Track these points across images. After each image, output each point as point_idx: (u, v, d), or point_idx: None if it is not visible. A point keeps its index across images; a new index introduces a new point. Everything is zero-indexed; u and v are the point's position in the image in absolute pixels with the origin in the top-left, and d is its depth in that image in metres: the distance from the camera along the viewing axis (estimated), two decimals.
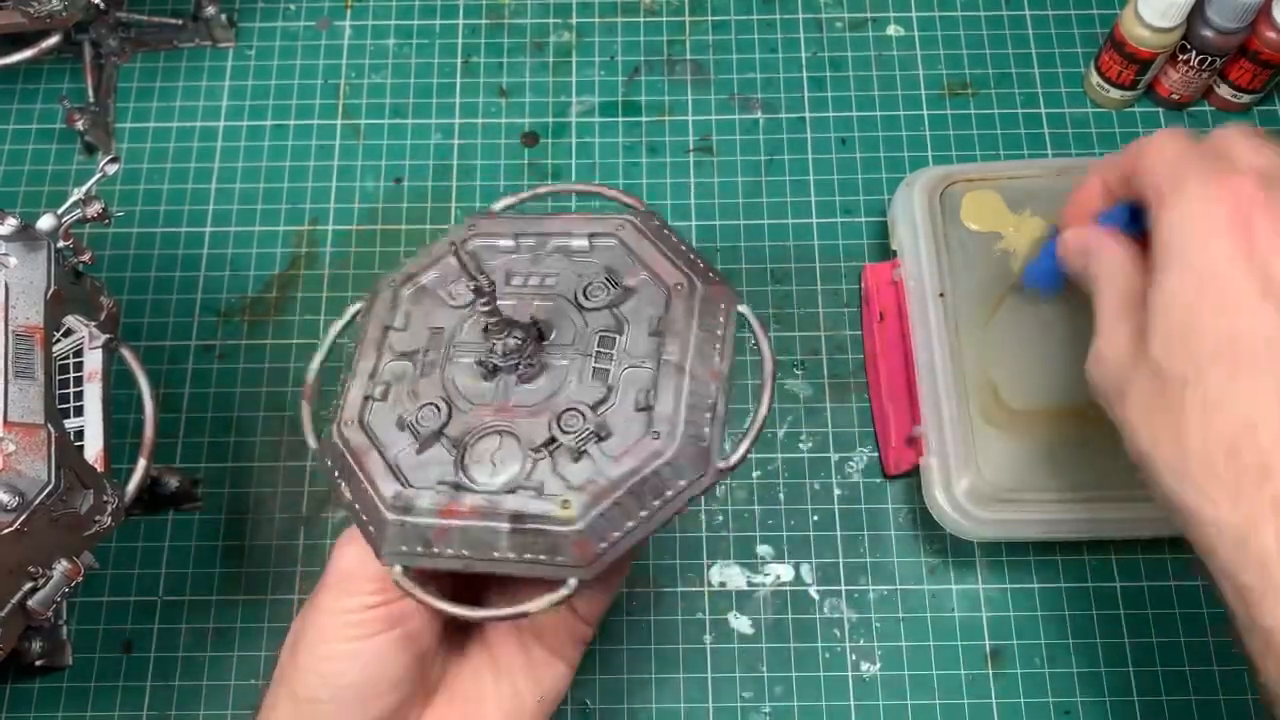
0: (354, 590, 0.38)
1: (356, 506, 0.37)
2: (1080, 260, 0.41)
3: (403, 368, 0.39)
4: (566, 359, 0.37)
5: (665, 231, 0.40)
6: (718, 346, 0.37)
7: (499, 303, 0.37)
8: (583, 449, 0.36)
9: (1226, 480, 0.32)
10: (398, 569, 0.36)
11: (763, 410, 0.37)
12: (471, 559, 0.35)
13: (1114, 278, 0.39)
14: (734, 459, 0.36)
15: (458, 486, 0.36)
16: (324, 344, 0.42)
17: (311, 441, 0.40)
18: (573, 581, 0.35)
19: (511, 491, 0.35)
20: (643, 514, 0.35)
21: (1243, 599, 0.32)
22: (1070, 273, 0.42)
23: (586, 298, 0.38)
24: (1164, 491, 0.35)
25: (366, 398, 0.39)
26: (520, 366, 0.37)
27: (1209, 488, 0.33)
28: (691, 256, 0.40)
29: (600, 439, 0.36)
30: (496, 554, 0.35)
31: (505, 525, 0.35)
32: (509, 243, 0.41)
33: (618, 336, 0.38)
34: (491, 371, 0.38)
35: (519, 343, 0.37)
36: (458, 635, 0.42)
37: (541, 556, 0.35)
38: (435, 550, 0.35)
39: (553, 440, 0.36)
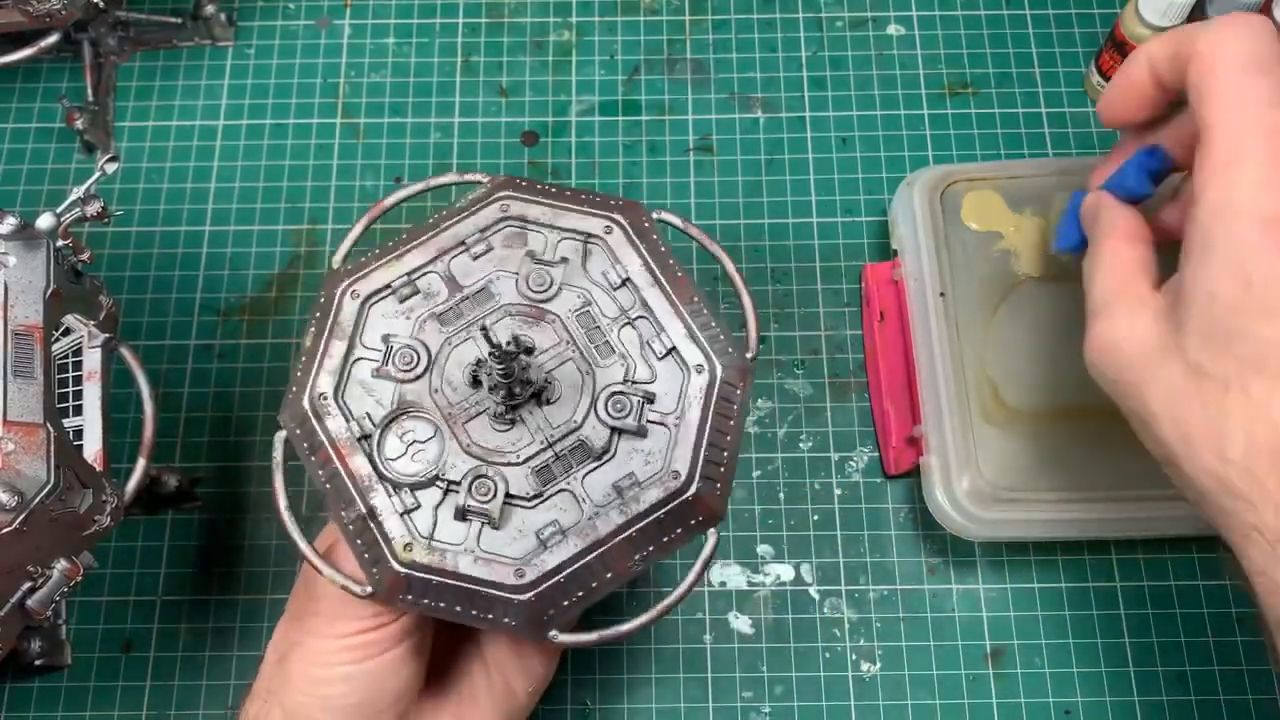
0: (351, 615, 0.38)
1: (302, 359, 0.39)
2: (1089, 228, 0.41)
3: (439, 291, 0.40)
4: (538, 438, 0.38)
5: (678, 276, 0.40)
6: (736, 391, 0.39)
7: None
8: (467, 517, 0.37)
9: (1270, 490, 0.32)
10: (280, 434, 0.39)
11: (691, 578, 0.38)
12: (327, 493, 0.37)
13: (1118, 254, 0.37)
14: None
15: (364, 439, 0.38)
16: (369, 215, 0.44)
17: (338, 262, 0.41)
18: (368, 589, 0.37)
19: (393, 485, 0.37)
20: (456, 608, 0.36)
21: (1276, 594, 0.32)
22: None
23: (608, 410, 0.38)
24: (1197, 490, 0.34)
25: (389, 286, 0.40)
26: (498, 406, 0.38)
27: (1251, 494, 0.32)
28: (714, 325, 0.39)
29: (490, 525, 0.37)
30: (343, 514, 0.37)
31: (361, 508, 0.37)
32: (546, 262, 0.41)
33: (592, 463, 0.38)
34: (474, 383, 0.38)
35: (509, 383, 0.37)
36: (448, 636, 0.42)
37: (364, 554, 0.37)
38: (312, 458, 0.38)
39: (458, 484, 0.37)
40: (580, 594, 0.36)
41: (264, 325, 0.61)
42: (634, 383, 0.38)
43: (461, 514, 0.37)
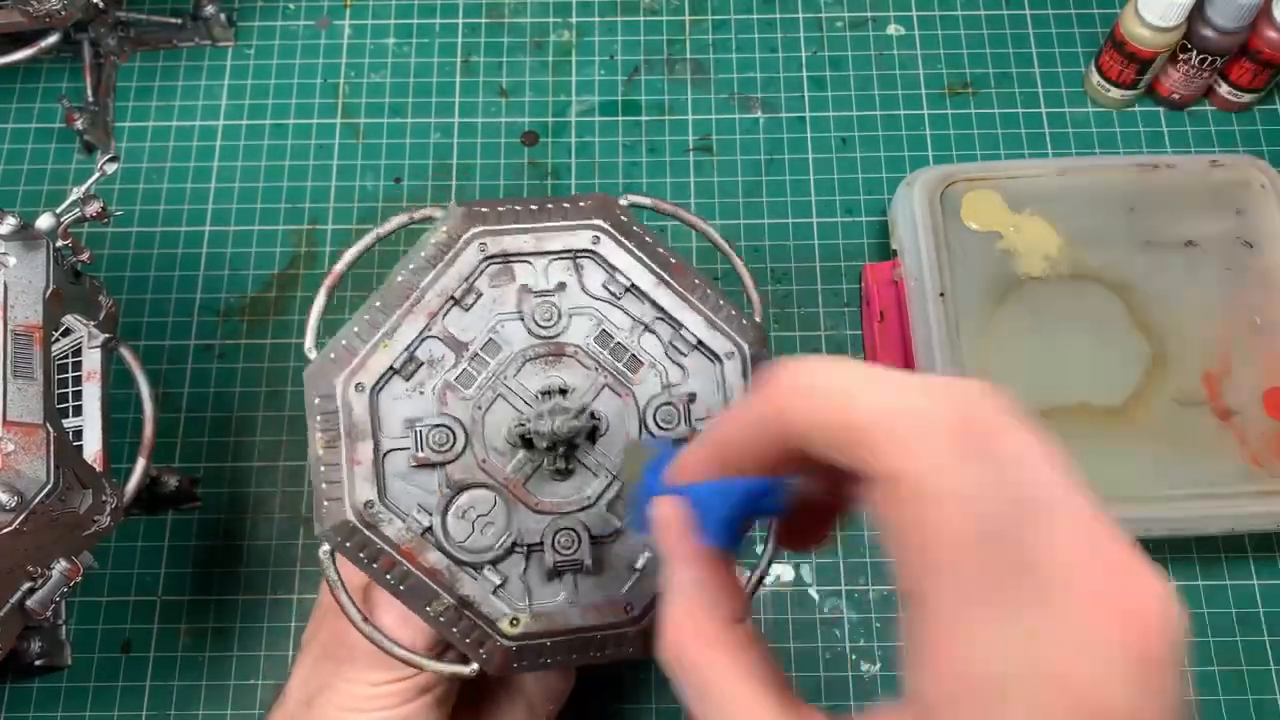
0: (383, 663, 0.37)
1: (323, 469, 0.35)
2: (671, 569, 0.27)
3: (443, 356, 0.37)
4: (600, 473, 0.36)
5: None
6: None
7: (572, 360, 0.37)
8: (561, 572, 0.36)
9: None
10: (325, 549, 0.36)
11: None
12: (401, 595, 0.35)
13: (728, 674, 0.25)
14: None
15: (427, 532, 0.35)
16: (354, 250, 0.40)
17: (311, 348, 0.38)
18: (473, 669, 0.36)
19: (473, 567, 0.35)
20: (572, 656, 0.36)
21: None
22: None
23: (657, 421, 0.37)
24: None
25: (391, 368, 0.36)
26: (557, 460, 0.36)
27: None
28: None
29: (584, 573, 0.36)
30: (429, 609, 0.35)
31: (450, 600, 0.35)
32: (620, 287, 0.38)
33: None
34: (525, 444, 0.36)
35: (570, 438, 0.35)
36: None
37: (465, 639, 0.35)
38: (374, 566, 0.35)
39: (539, 544, 0.36)
40: (550, 661, 0.36)
41: (264, 325, 0.61)
42: (671, 387, 0.38)
43: (553, 572, 0.36)
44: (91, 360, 0.49)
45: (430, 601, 0.35)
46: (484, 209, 0.38)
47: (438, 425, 0.36)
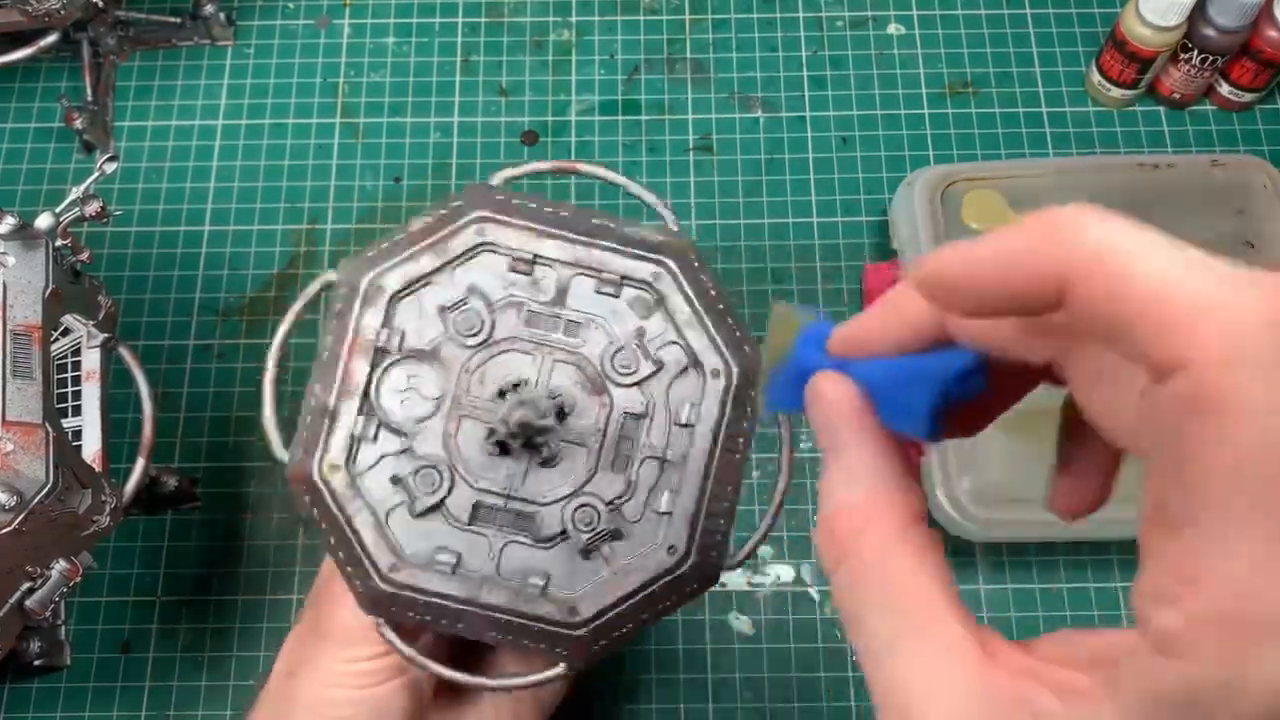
0: (361, 640, 0.37)
1: (341, 556, 0.35)
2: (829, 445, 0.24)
3: (398, 407, 0.36)
4: (585, 444, 0.36)
5: (702, 279, 0.37)
6: (740, 442, 0.36)
7: (511, 352, 0.36)
8: (593, 547, 0.35)
9: None
10: (383, 625, 0.35)
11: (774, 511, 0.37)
12: (463, 631, 0.35)
13: (904, 561, 0.22)
14: (738, 558, 0.37)
15: (457, 568, 0.35)
16: (278, 337, 0.40)
17: (280, 452, 0.37)
18: (563, 667, 0.35)
19: (511, 583, 0.35)
20: (643, 616, 0.35)
21: None
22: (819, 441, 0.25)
23: (615, 370, 0.36)
24: None
25: (353, 436, 0.35)
26: (543, 450, 0.35)
27: None
28: (730, 322, 0.37)
29: (614, 538, 0.35)
30: (491, 634, 0.35)
31: (503, 618, 0.34)
32: (523, 263, 0.37)
33: (643, 421, 0.36)
34: (502, 450, 0.35)
35: (539, 426, 0.34)
36: (457, 662, 0.42)
37: (540, 646, 0.35)
38: (428, 618, 0.35)
39: (563, 533, 0.35)
40: (627, 628, 0.36)
41: (263, 325, 0.61)
42: (615, 335, 0.37)
43: (587, 551, 0.35)
44: (91, 360, 0.48)
45: (496, 632, 0.35)
46: (369, 253, 0.37)
47: (421, 469, 0.35)
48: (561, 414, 0.35)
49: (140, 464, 0.49)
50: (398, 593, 0.34)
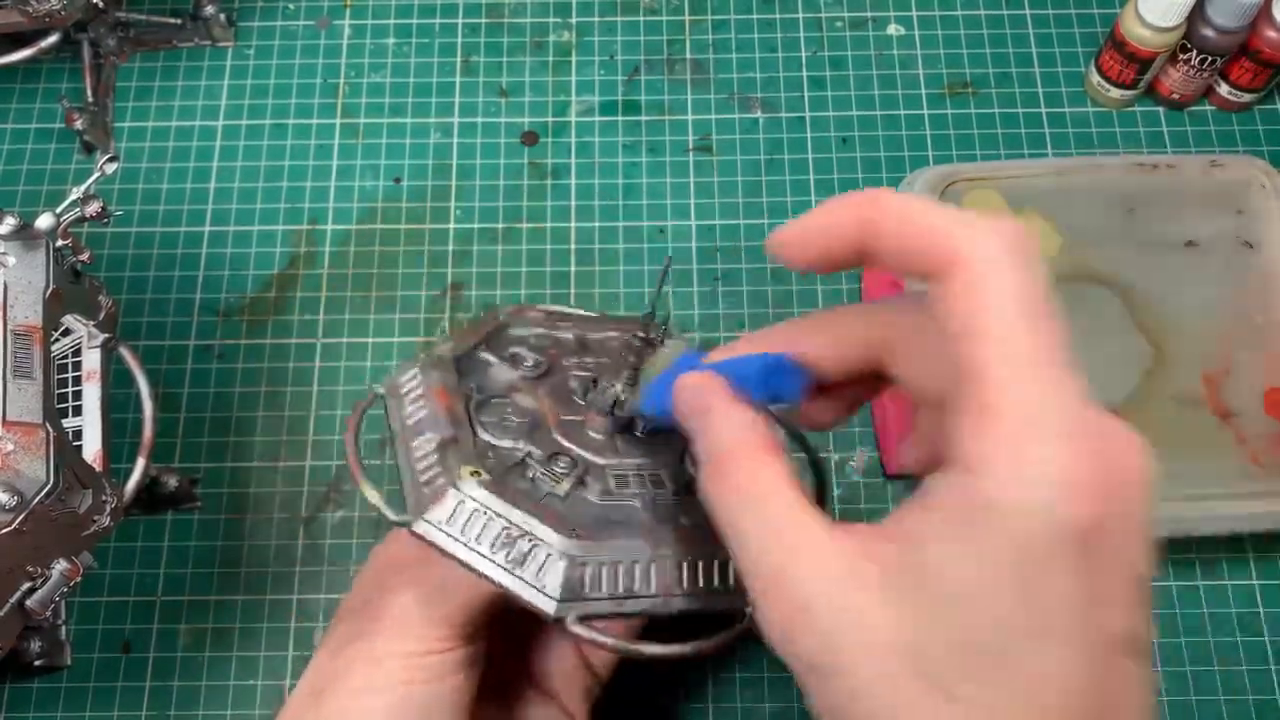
0: (418, 632, 0.36)
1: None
2: (693, 423, 0.31)
3: (500, 428, 0.37)
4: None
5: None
6: None
7: (571, 374, 0.40)
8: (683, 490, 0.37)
9: None
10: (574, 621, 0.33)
11: None
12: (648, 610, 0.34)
13: (769, 475, 0.29)
14: None
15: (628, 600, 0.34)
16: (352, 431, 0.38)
17: (380, 504, 0.35)
18: (749, 611, 0.31)
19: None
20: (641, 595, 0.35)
21: None
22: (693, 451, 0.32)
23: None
24: None
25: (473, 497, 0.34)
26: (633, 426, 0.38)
27: None
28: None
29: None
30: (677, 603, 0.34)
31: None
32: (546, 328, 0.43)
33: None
34: (617, 429, 0.39)
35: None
36: (498, 668, 0.42)
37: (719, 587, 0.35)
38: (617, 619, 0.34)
39: (691, 481, 0.37)
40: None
41: (264, 325, 0.61)
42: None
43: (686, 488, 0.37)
44: (91, 360, 0.49)
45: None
46: (438, 358, 0.39)
47: (552, 455, 0.37)
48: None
49: (140, 464, 0.49)
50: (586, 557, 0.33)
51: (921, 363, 0.30)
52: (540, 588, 0.32)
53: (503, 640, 0.41)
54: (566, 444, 0.37)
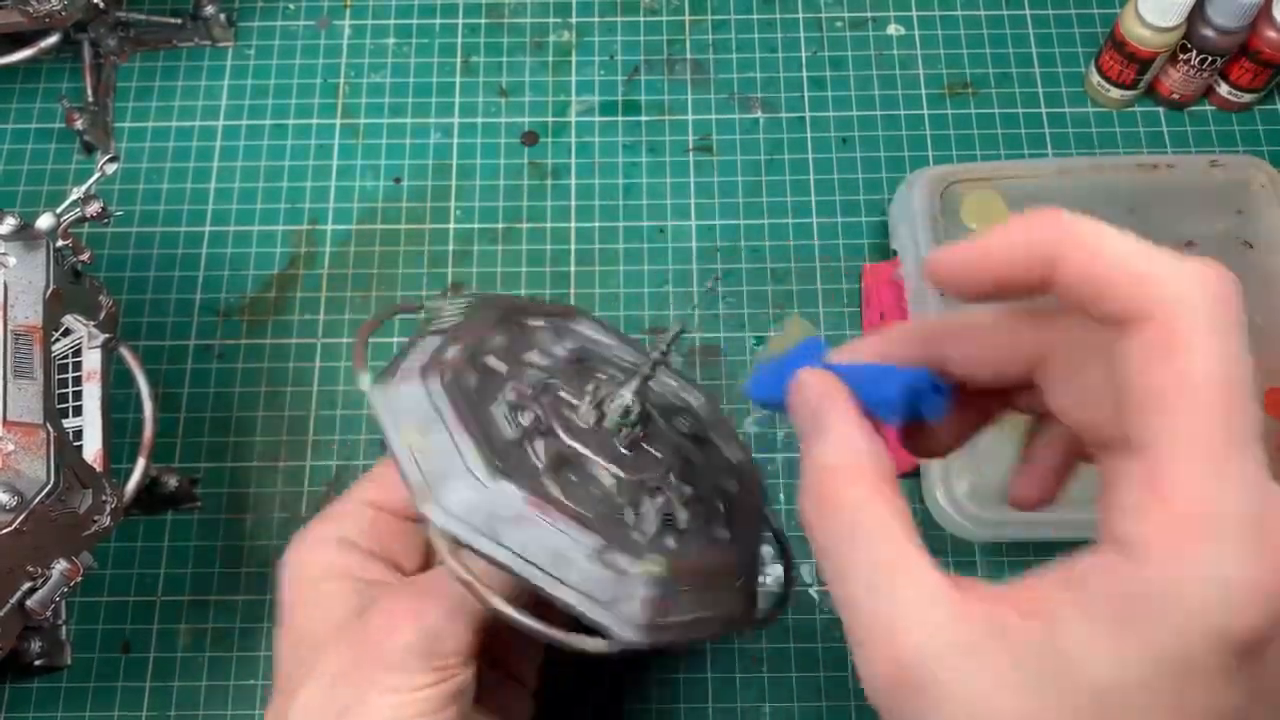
0: (422, 665, 0.34)
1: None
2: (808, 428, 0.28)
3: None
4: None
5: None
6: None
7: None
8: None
9: None
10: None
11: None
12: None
13: (884, 524, 0.26)
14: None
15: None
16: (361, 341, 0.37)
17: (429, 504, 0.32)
18: (615, 639, 0.31)
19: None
20: (706, 613, 0.33)
21: None
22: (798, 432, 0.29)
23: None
24: None
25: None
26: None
27: None
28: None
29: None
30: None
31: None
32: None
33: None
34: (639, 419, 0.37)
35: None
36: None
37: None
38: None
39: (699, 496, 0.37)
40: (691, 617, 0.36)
41: (264, 325, 0.61)
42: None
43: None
44: (92, 360, 0.49)
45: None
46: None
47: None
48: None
49: (141, 464, 0.49)
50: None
51: (1081, 392, 0.27)
52: (618, 617, 0.31)
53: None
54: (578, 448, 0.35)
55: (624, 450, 0.36)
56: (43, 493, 0.40)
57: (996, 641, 0.23)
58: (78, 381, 0.48)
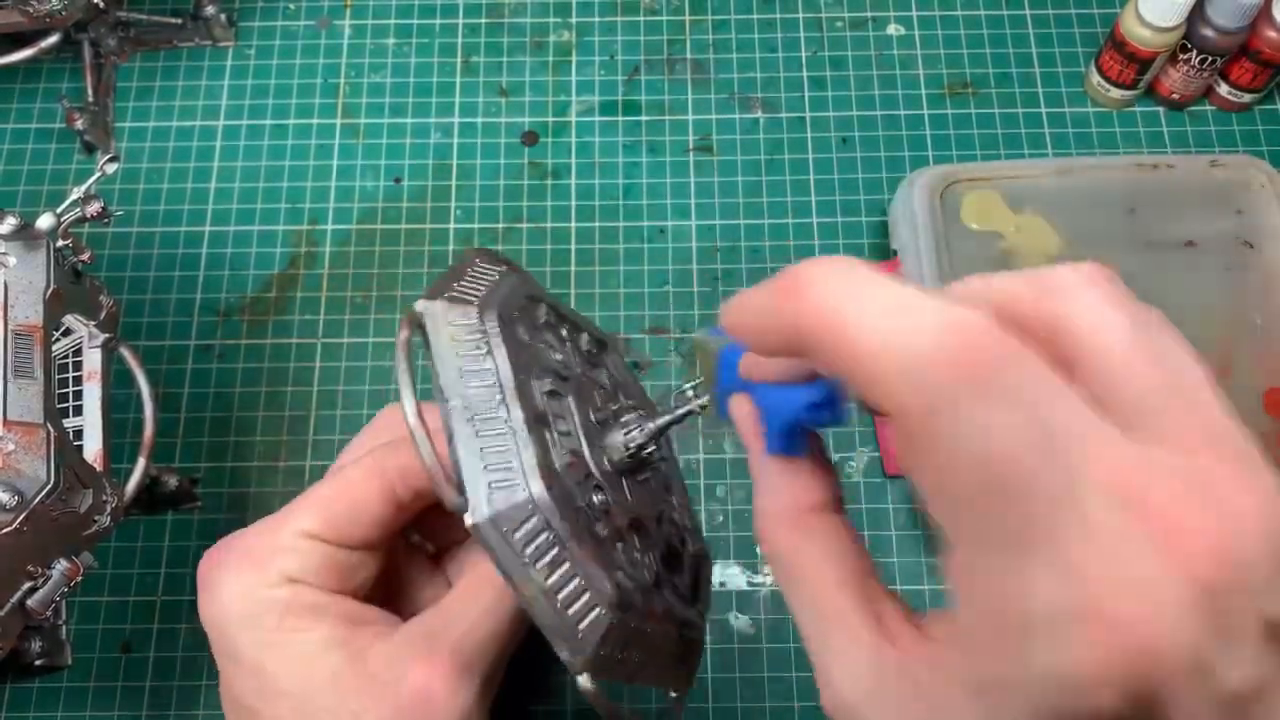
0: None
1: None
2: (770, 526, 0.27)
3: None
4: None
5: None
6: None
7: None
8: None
9: None
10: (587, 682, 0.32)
11: None
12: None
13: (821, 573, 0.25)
14: None
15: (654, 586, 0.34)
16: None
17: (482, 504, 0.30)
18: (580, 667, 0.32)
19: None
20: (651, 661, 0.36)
21: None
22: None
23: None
24: None
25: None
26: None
27: None
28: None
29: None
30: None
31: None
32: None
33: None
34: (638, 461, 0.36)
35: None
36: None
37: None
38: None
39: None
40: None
41: (264, 325, 0.61)
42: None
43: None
44: (92, 360, 0.49)
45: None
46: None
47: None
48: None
49: (141, 464, 0.49)
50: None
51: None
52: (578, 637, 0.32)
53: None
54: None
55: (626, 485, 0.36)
56: (43, 492, 0.40)
57: (910, 689, 0.23)
58: (78, 381, 0.48)
